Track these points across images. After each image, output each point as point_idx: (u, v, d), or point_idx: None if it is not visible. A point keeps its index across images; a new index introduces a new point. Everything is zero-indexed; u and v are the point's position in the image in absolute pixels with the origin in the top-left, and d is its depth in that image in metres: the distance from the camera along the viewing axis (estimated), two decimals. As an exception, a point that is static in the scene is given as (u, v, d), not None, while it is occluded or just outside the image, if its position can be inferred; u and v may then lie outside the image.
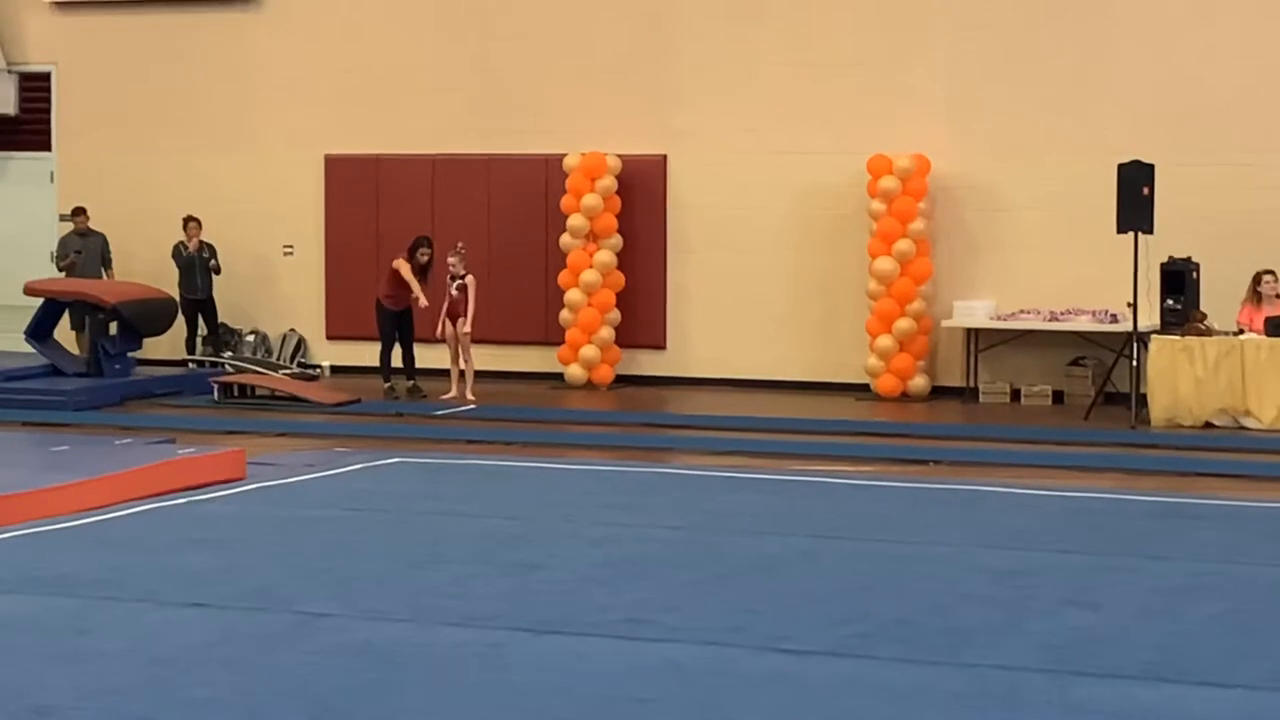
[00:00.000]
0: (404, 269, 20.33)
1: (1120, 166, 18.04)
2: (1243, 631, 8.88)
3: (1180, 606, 9.51)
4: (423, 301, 20.18)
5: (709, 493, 13.65)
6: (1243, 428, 17.60)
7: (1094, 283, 19.52)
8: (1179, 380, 17.73)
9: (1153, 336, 18.04)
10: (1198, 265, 18.38)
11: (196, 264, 22.45)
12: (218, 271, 22.56)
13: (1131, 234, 17.86)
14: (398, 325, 20.60)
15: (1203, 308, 18.22)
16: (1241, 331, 18.06)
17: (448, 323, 20.12)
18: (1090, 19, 20.17)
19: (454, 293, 20.10)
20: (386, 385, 20.49)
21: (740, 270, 21.30)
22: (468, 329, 20.05)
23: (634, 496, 13.49)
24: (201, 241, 22.51)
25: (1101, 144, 19.23)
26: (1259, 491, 14.01)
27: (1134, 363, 18.07)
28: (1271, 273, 18.39)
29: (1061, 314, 19.84)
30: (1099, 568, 10.57)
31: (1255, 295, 18.40)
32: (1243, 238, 19.00)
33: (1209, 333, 17.93)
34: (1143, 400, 17.94)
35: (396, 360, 20.61)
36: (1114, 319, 19.26)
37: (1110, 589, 9.93)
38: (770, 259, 21.11)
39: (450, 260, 20.09)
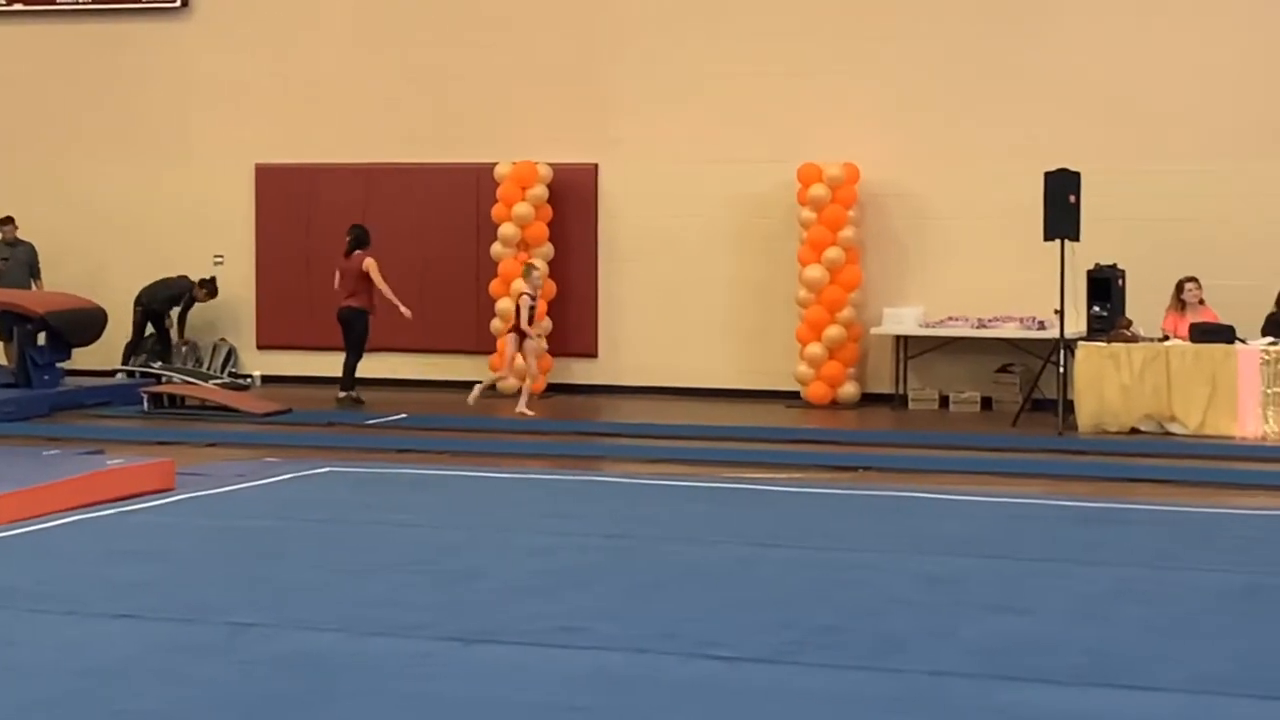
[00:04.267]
0: (376, 268, 20.36)
1: (1047, 174, 18.17)
2: (1170, 636, 8.94)
3: (1108, 611, 9.57)
4: (405, 311, 20.18)
5: (641, 501, 13.69)
6: (1168, 433, 17.74)
7: (1021, 290, 19.65)
8: (1105, 386, 17.86)
9: (1079, 343, 18.18)
10: (1123, 272, 18.54)
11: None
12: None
13: (1058, 241, 17.99)
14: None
15: (1128, 314, 18.37)
16: (1166, 338, 18.21)
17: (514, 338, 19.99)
18: (1019, 28, 20.32)
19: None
20: (353, 394, 20.45)
21: (672, 278, 21.35)
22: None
23: (566, 505, 13.51)
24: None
25: (1029, 152, 19.36)
26: (1185, 496, 14.11)
27: (1061, 369, 18.21)
28: (1195, 280, 18.55)
29: (989, 321, 19.97)
30: (1028, 573, 10.64)
31: (1179, 302, 18.57)
32: (1167, 245, 19.17)
33: (1135, 339, 18.07)
34: (1070, 406, 18.07)
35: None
36: (1041, 326, 19.39)
37: (1039, 594, 9.98)
38: (701, 267, 21.18)
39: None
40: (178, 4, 23.17)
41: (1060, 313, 18.08)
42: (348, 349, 20.69)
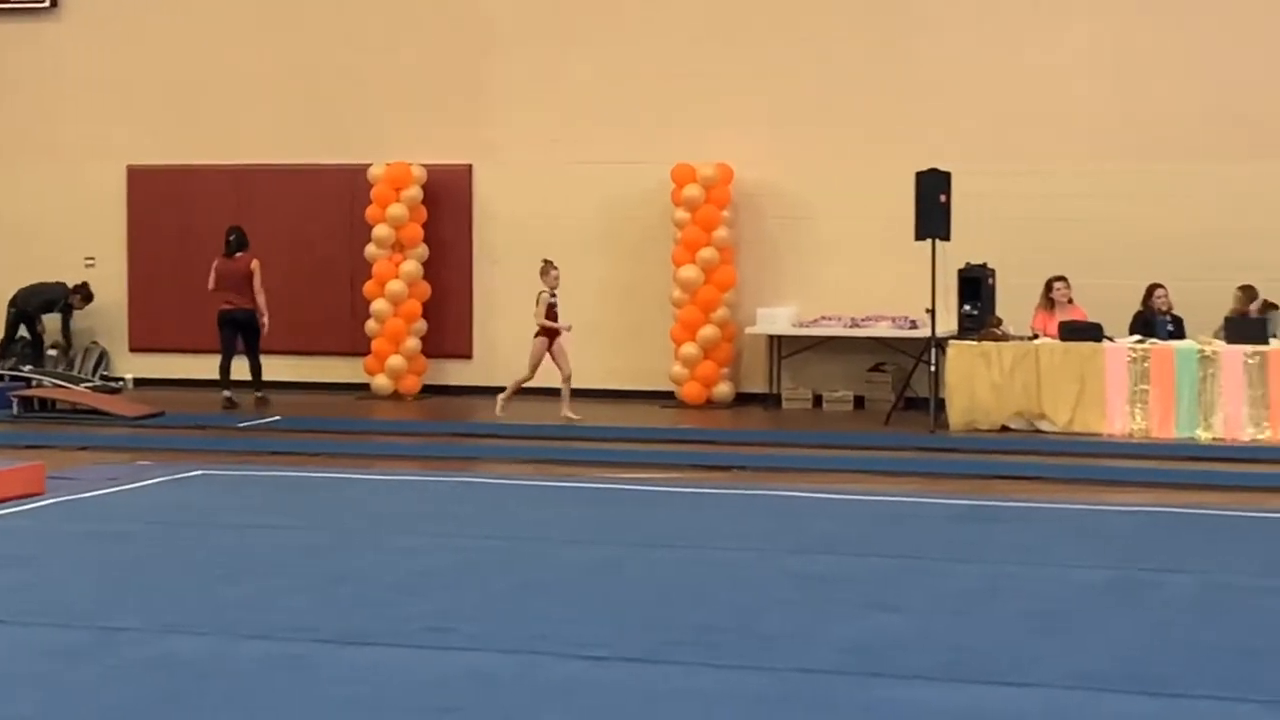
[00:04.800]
0: (260, 271, 20.32)
1: (918, 174, 18.31)
2: (1040, 631, 9.04)
3: (980, 607, 9.66)
4: (265, 322, 20.19)
5: (515, 502, 13.68)
6: (1038, 430, 17.92)
7: (894, 289, 19.79)
8: (976, 385, 18.03)
9: (950, 342, 18.33)
10: (994, 271, 18.71)
11: None
12: None
13: (929, 241, 18.13)
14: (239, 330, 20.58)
15: (999, 313, 18.54)
16: (1036, 336, 18.40)
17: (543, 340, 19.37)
18: (892, 30, 20.48)
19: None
20: (229, 394, 20.35)
21: (546, 279, 21.32)
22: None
23: (441, 506, 13.50)
24: None
25: (901, 152, 19.49)
26: (1055, 493, 14.27)
27: (932, 368, 18.35)
28: (1063, 279, 18.76)
29: (862, 320, 20.10)
30: (901, 570, 10.72)
31: (1048, 301, 18.77)
32: (1036, 245, 19.37)
33: (1005, 338, 18.25)
34: (941, 405, 18.22)
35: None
36: (913, 325, 19.53)
37: (912, 591, 10.07)
38: (576, 268, 21.12)
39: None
40: (46, 4, 22.92)
41: (931, 312, 18.22)
42: (252, 349, 20.69)
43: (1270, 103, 19.40)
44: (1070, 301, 18.76)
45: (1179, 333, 18.36)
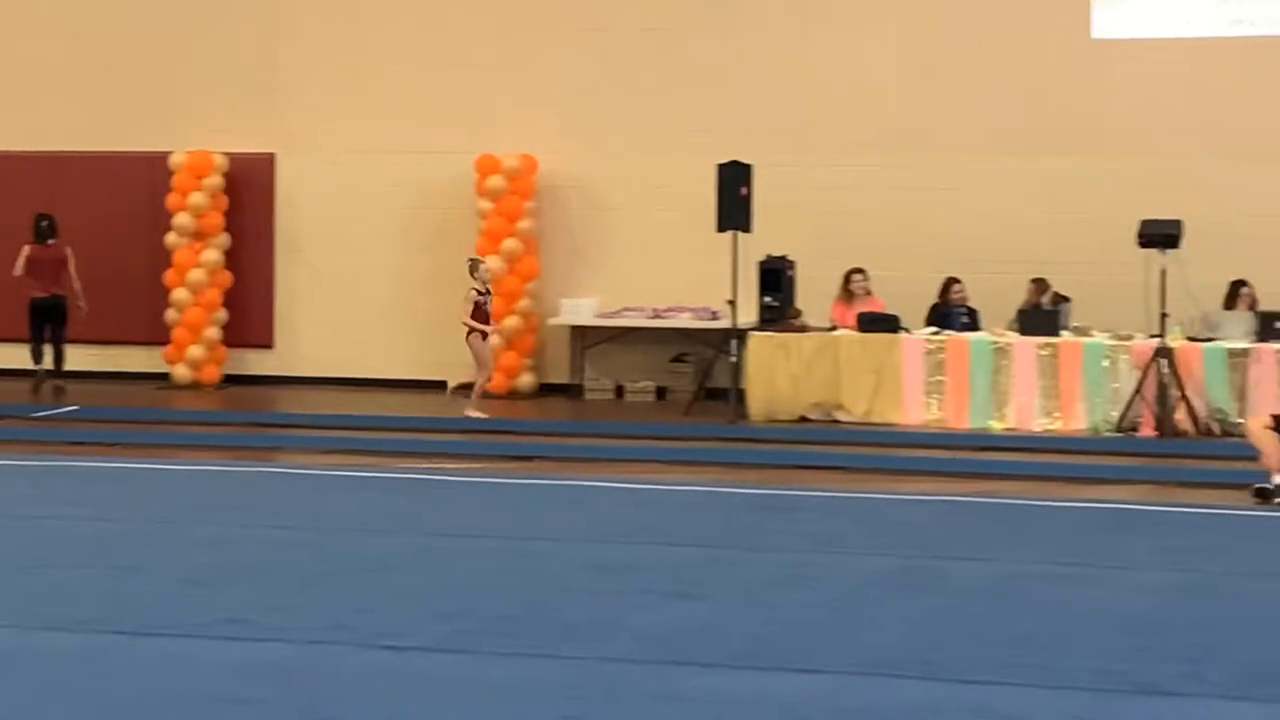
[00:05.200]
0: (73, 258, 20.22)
1: (720, 166, 18.45)
2: (836, 619, 9.18)
3: (778, 595, 9.78)
4: (84, 305, 19.99)
5: (318, 492, 13.65)
6: (836, 421, 18.14)
7: (696, 281, 19.91)
8: (776, 375, 18.21)
9: (751, 333, 18.48)
10: (794, 263, 18.89)
11: None
12: None
13: (731, 233, 18.28)
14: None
15: (798, 304, 18.73)
16: (835, 328, 18.62)
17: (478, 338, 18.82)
18: (696, 23, 20.60)
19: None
20: (42, 371, 20.31)
21: (349, 269, 21.26)
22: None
23: (241, 496, 13.41)
24: None
25: (704, 145, 19.57)
26: (852, 483, 14.46)
27: (733, 359, 18.49)
28: (862, 271, 18.99)
29: (664, 311, 20.22)
30: (701, 560, 10.83)
31: (847, 292, 18.99)
32: (836, 237, 19.59)
33: (804, 329, 18.45)
34: (741, 395, 18.38)
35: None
36: (715, 316, 19.67)
37: (712, 580, 10.16)
38: (379, 258, 21.13)
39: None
40: None
41: (732, 303, 18.36)
42: (58, 337, 20.59)
43: (1062, 99, 19.75)
44: (868, 293, 18.99)
45: (974, 324, 18.68)
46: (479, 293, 18.73)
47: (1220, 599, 9.87)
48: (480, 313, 18.68)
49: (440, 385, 20.68)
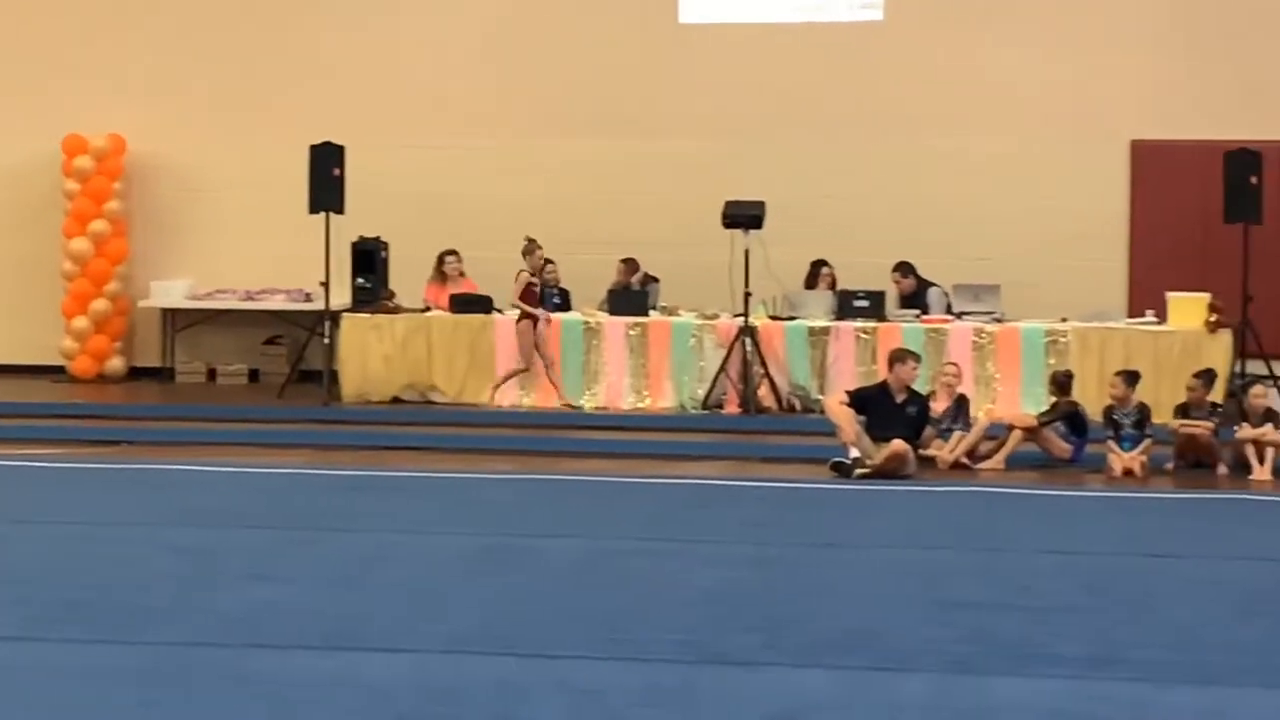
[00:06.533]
0: None
1: (312, 148, 18.34)
2: (420, 598, 9.25)
3: (364, 576, 9.82)
4: None
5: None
6: (430, 402, 18.20)
7: (290, 262, 19.75)
8: (369, 357, 18.20)
9: (344, 315, 18.43)
10: (387, 245, 18.88)
11: None
12: None
13: (324, 214, 18.20)
14: None
15: (392, 286, 18.73)
16: (429, 309, 18.67)
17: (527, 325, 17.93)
18: (287, 2, 20.48)
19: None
20: None
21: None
22: None
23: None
24: None
25: (297, 126, 19.38)
26: (442, 463, 14.58)
27: (326, 340, 18.42)
28: (455, 253, 19.06)
29: (257, 293, 20.05)
30: (286, 541, 10.84)
31: (440, 274, 19.04)
32: (429, 218, 19.63)
33: (398, 310, 18.47)
34: (335, 377, 18.32)
35: None
36: (308, 298, 19.55)
37: (297, 562, 10.18)
38: (-38, 240, 20.59)
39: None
40: None
41: (325, 285, 18.28)
42: None
43: (650, 82, 20.06)
44: (462, 275, 19.06)
45: (565, 304, 18.89)
46: (531, 274, 18.11)
47: (794, 570, 10.19)
48: (530, 295, 18.06)
49: (29, 370, 20.21)
